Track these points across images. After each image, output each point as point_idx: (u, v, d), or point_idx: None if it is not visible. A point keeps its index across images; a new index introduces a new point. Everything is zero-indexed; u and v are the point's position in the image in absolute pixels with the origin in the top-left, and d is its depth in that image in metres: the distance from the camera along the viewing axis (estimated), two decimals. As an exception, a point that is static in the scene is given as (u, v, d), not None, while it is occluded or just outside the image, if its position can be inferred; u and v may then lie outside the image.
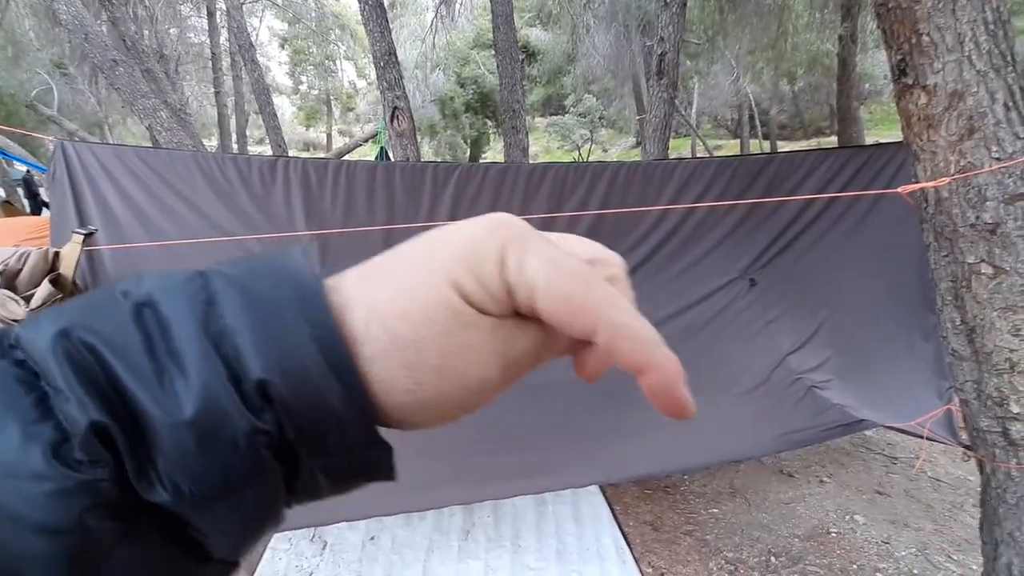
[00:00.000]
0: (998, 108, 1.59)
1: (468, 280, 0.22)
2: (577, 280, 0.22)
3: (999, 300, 1.66)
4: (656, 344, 0.22)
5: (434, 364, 0.21)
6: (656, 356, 0.22)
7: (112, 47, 4.60)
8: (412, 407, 0.22)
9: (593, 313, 0.22)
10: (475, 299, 0.22)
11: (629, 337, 0.22)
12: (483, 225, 0.23)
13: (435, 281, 0.22)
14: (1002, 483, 1.80)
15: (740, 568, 2.50)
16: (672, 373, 0.22)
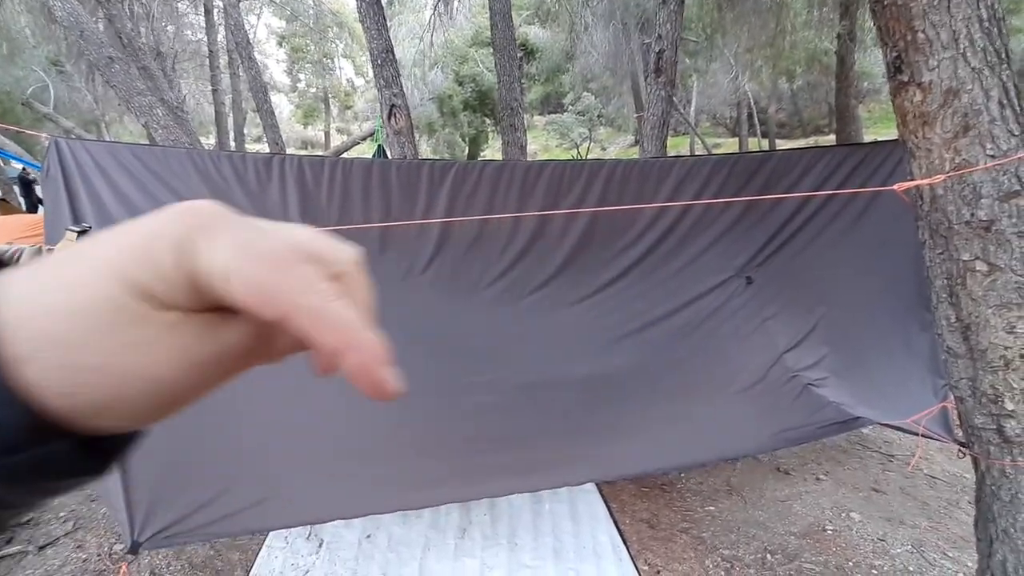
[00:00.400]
0: (993, 105, 1.59)
1: (139, 271, 0.20)
2: (266, 264, 0.21)
3: (994, 297, 1.66)
4: (353, 327, 0.22)
5: (93, 364, 0.20)
6: (352, 338, 0.21)
7: (108, 44, 4.58)
8: (83, 409, 0.20)
9: (284, 297, 0.21)
10: (148, 292, 0.20)
11: (322, 321, 0.21)
12: (169, 211, 0.22)
13: (96, 274, 0.20)
14: (996, 480, 1.80)
15: (736, 565, 2.50)
16: (369, 353, 0.22)
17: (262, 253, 0.21)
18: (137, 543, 1.94)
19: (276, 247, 0.22)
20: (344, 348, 0.21)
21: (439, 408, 2.32)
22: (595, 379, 2.44)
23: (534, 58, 16.10)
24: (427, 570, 2.47)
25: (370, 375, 0.22)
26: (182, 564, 2.55)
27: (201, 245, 0.21)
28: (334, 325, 0.21)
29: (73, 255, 0.21)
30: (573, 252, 2.44)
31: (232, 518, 2.05)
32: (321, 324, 0.21)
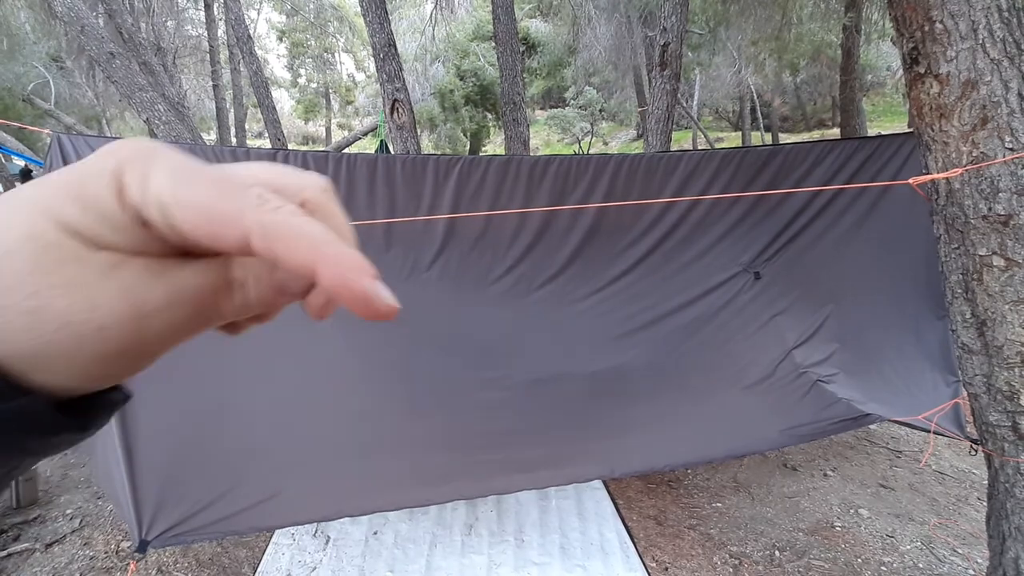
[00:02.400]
0: (1012, 97, 1.56)
1: (71, 208, 0.19)
2: (210, 185, 0.19)
3: (1011, 293, 1.63)
4: (323, 239, 0.19)
5: (25, 307, 0.18)
6: (325, 250, 0.19)
7: (109, 40, 4.55)
8: (19, 361, 0.19)
9: (237, 218, 0.18)
10: (83, 229, 0.19)
11: (287, 236, 0.19)
12: (105, 149, 0.20)
13: (25, 213, 0.19)
14: (1011, 478, 1.78)
15: (744, 562, 2.49)
16: (348, 265, 0.19)
17: (207, 177, 0.19)
18: (145, 542, 1.93)
19: (220, 172, 0.20)
20: (315, 263, 0.19)
21: (445, 405, 2.31)
22: (601, 375, 2.43)
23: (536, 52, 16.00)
24: (434, 566, 2.46)
25: (354, 289, 0.19)
26: (189, 561, 2.55)
27: (137, 175, 0.19)
28: (301, 239, 0.19)
29: (5, 197, 0.20)
30: (580, 247, 2.42)
31: (239, 516, 2.04)
32: (284, 241, 0.19)
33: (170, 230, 0.19)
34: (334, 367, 2.20)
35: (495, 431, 2.32)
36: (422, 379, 2.29)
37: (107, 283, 0.19)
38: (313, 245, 0.19)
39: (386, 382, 2.28)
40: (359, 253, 0.20)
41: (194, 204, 0.18)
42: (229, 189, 0.19)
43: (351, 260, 0.19)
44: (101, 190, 0.19)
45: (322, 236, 0.19)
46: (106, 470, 2.12)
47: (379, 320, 0.20)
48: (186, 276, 0.21)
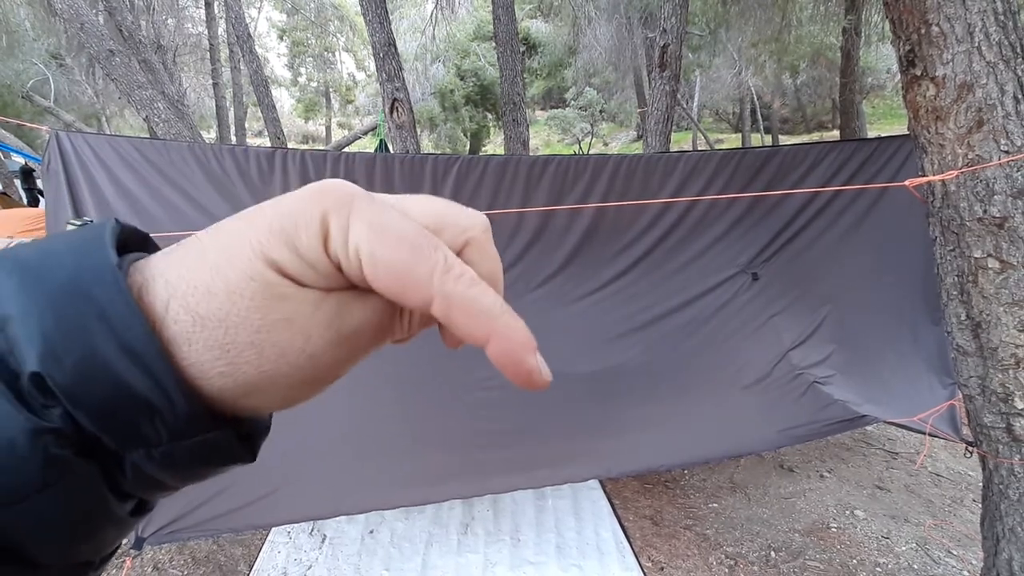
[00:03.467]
0: (1007, 100, 1.56)
1: (282, 251, 0.20)
2: (404, 248, 0.20)
3: (1006, 295, 1.64)
4: (496, 312, 0.21)
5: (247, 341, 0.20)
6: (497, 325, 0.21)
7: (108, 37, 4.55)
8: (236, 389, 0.20)
9: (423, 283, 0.20)
10: (292, 271, 0.20)
11: (464, 307, 0.20)
12: (304, 192, 0.21)
13: (243, 253, 0.20)
14: (1005, 479, 1.79)
15: (740, 562, 2.50)
16: (516, 341, 0.21)
17: (400, 237, 0.20)
18: (141, 539, 1.93)
19: (411, 230, 0.21)
20: (487, 336, 0.21)
21: (443, 404, 2.31)
22: (599, 375, 2.43)
23: (536, 52, 16.02)
24: (430, 565, 2.46)
25: (518, 364, 0.21)
26: (185, 559, 2.55)
27: (338, 226, 0.20)
28: (474, 312, 0.20)
29: (212, 237, 0.21)
30: (578, 247, 2.42)
31: (235, 513, 2.05)
32: (460, 311, 0.20)
33: (362, 281, 0.21)
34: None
35: (491, 431, 2.32)
36: (419, 378, 2.30)
37: (316, 317, 0.21)
38: (487, 319, 0.21)
39: (383, 381, 2.28)
40: (524, 326, 0.21)
41: (387, 265, 0.20)
42: (420, 253, 0.20)
43: (519, 336, 0.21)
44: (312, 239, 0.20)
45: (496, 310, 0.21)
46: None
47: (532, 389, 0.22)
48: (371, 307, 0.22)
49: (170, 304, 0.20)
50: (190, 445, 0.20)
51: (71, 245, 0.20)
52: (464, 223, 0.23)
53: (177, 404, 0.19)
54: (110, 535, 0.22)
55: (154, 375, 0.19)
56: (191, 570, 2.49)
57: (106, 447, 0.20)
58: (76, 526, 0.20)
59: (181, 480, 0.22)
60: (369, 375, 2.27)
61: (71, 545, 0.21)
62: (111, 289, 0.19)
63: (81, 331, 0.18)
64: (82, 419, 0.18)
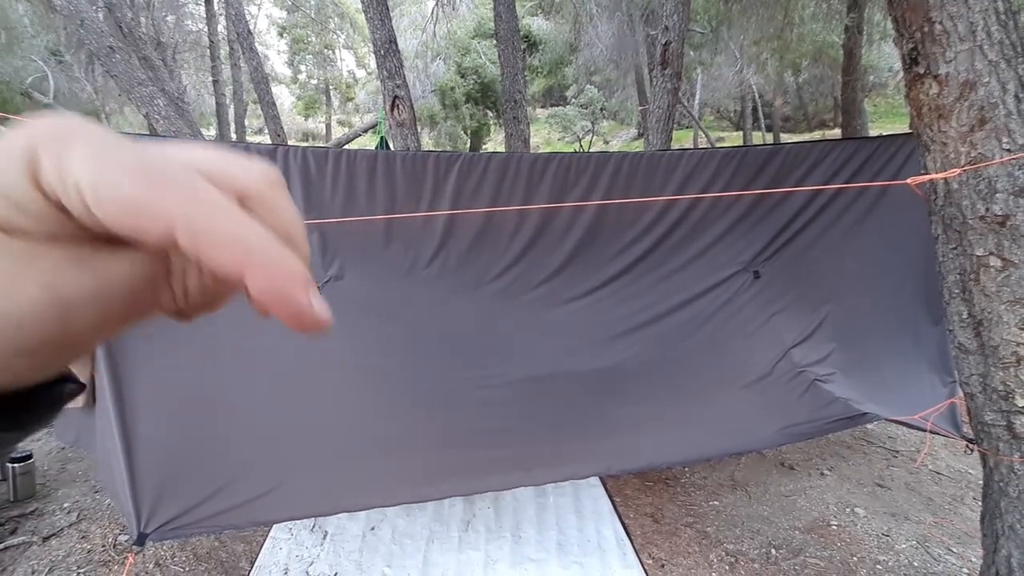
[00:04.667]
0: (1009, 99, 1.56)
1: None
2: (135, 173, 0.17)
3: (1007, 293, 1.64)
4: (255, 240, 0.17)
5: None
6: (256, 253, 0.17)
7: (108, 34, 4.54)
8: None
9: (159, 209, 0.17)
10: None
11: (215, 234, 0.17)
12: (22, 130, 0.18)
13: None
14: (1005, 477, 1.79)
15: (740, 560, 2.50)
16: (281, 271, 0.18)
17: (131, 162, 0.17)
18: (143, 535, 1.94)
19: (148, 158, 0.17)
20: (246, 268, 0.17)
21: (443, 402, 2.31)
22: (600, 373, 2.43)
23: (537, 50, 15.97)
24: (431, 562, 2.47)
25: (283, 299, 0.18)
26: (187, 555, 2.55)
27: (53, 157, 0.17)
28: (229, 240, 0.17)
29: None
30: (579, 246, 2.42)
31: (237, 510, 2.05)
32: (213, 241, 0.17)
33: (91, 219, 0.17)
34: (333, 363, 2.21)
35: (493, 428, 2.33)
36: (420, 376, 2.30)
37: (24, 274, 0.18)
38: (243, 247, 0.17)
39: (384, 379, 2.29)
40: (294, 256, 0.18)
41: (114, 193, 0.17)
42: (156, 176, 0.17)
43: (283, 266, 0.18)
44: (12, 174, 0.17)
45: (254, 237, 0.18)
46: (106, 463, 2.13)
47: (310, 333, 0.18)
48: (117, 265, 0.19)
49: None
50: None
51: None
52: (239, 174, 0.20)
53: None
54: None
55: None
56: (193, 566, 2.50)
57: None
58: None
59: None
60: (370, 373, 2.27)
61: None
62: None
63: None
64: None
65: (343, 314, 2.20)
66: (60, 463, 3.41)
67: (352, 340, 2.24)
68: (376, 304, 2.26)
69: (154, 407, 2.00)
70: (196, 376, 2.09)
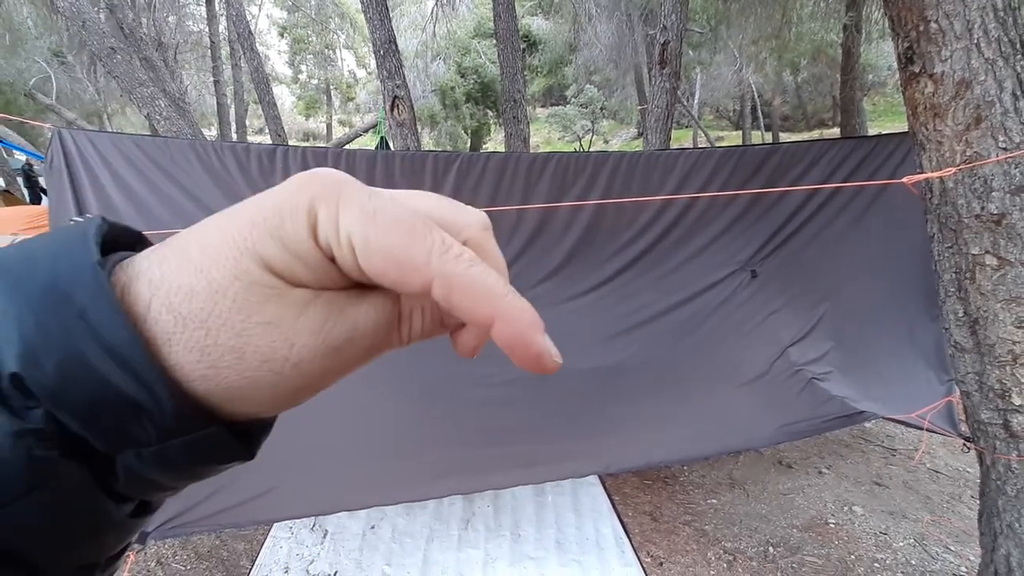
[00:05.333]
0: (1006, 97, 1.57)
1: (269, 245, 0.19)
2: (400, 230, 0.19)
3: (1003, 291, 1.65)
4: (500, 290, 0.20)
5: (228, 345, 0.19)
6: (501, 305, 0.20)
7: (110, 35, 4.55)
8: (220, 394, 0.20)
9: (421, 264, 0.19)
10: (280, 267, 0.19)
11: (466, 287, 0.19)
12: (290, 182, 0.20)
13: (226, 250, 0.19)
14: (1002, 475, 1.80)
15: (738, 558, 2.51)
16: (524, 321, 0.20)
17: (394, 220, 0.19)
18: (144, 533, 1.95)
19: (405, 213, 0.20)
20: (491, 316, 0.19)
21: (442, 401, 2.32)
22: (599, 372, 2.44)
23: (537, 50, 15.98)
24: (431, 560, 2.48)
25: (527, 346, 0.20)
26: (188, 554, 2.56)
27: (327, 213, 0.19)
28: (478, 292, 0.19)
29: (200, 233, 0.20)
30: (578, 245, 2.43)
31: (238, 508, 2.06)
32: (461, 292, 0.19)
33: (356, 270, 0.20)
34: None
35: (492, 427, 2.33)
36: (419, 375, 2.31)
37: (302, 320, 0.20)
38: (491, 299, 0.19)
39: (383, 378, 2.30)
40: (530, 306, 0.20)
41: (383, 250, 0.19)
42: (416, 234, 0.19)
43: (526, 316, 0.20)
44: (299, 228, 0.19)
45: (499, 289, 0.20)
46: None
47: (542, 373, 0.21)
48: (365, 312, 0.21)
49: (152, 303, 0.19)
50: (182, 444, 0.20)
51: (54, 245, 0.19)
52: (462, 220, 0.22)
53: (164, 403, 0.19)
54: (110, 537, 0.21)
55: (138, 374, 0.18)
56: (194, 565, 2.51)
57: (95, 449, 0.19)
58: (71, 529, 0.19)
59: (177, 479, 0.22)
60: (370, 372, 2.28)
61: (69, 548, 0.20)
62: (92, 289, 0.18)
63: (62, 331, 0.18)
64: (66, 420, 0.18)
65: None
66: (61, 462, 3.42)
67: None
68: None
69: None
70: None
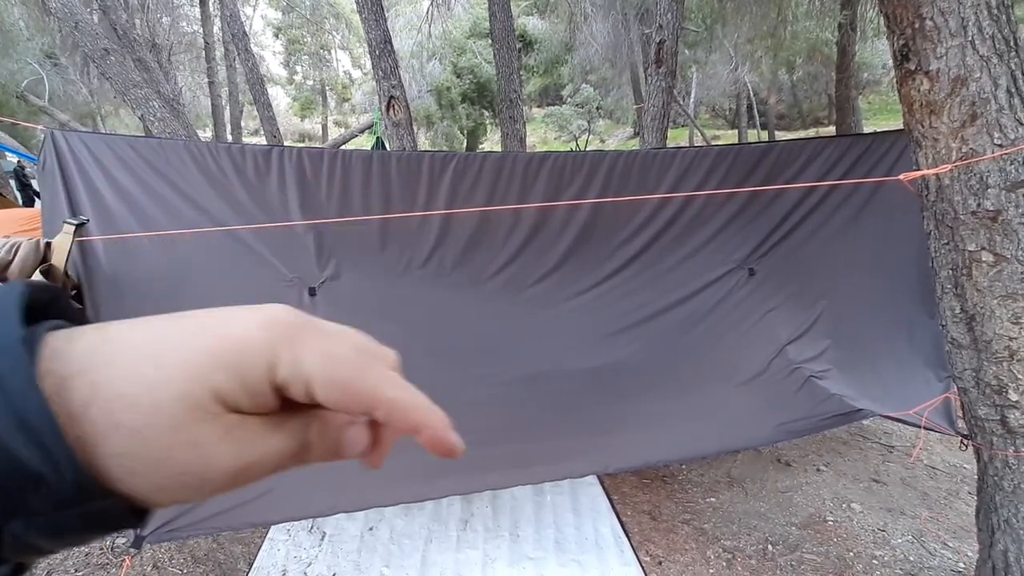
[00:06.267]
0: (1001, 94, 1.57)
1: (223, 378, 0.22)
2: (352, 367, 0.24)
3: (999, 288, 1.65)
4: (426, 408, 0.25)
5: (153, 457, 0.21)
6: (427, 418, 0.25)
7: (103, 36, 4.53)
8: (133, 490, 0.21)
9: (370, 393, 0.24)
10: (227, 397, 0.22)
11: (404, 408, 0.24)
12: (252, 322, 0.23)
13: (180, 372, 0.21)
14: (999, 471, 1.80)
15: (738, 556, 2.51)
16: (441, 427, 0.25)
17: (347, 360, 0.24)
18: (141, 537, 1.94)
19: (349, 353, 0.24)
20: (421, 428, 0.25)
21: (440, 401, 2.30)
22: (596, 371, 2.44)
23: (532, 49, 15.99)
24: (429, 562, 2.47)
25: (442, 444, 0.25)
26: (184, 557, 2.55)
27: (288, 357, 0.23)
28: (412, 411, 0.25)
29: (160, 345, 0.22)
30: (575, 244, 2.43)
31: (235, 511, 2.05)
32: (401, 412, 0.24)
33: (305, 397, 0.23)
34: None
35: (490, 427, 2.33)
36: (416, 375, 2.26)
37: (225, 443, 0.22)
38: (421, 415, 0.25)
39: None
40: (440, 411, 0.25)
41: (338, 382, 0.23)
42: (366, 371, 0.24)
43: (441, 422, 0.25)
44: (258, 370, 0.22)
45: (425, 404, 0.25)
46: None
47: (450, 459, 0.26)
48: (280, 439, 0.24)
49: (90, 407, 0.20)
50: (76, 514, 0.21)
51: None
52: (385, 353, 0.27)
53: (67, 477, 0.19)
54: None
55: (48, 449, 0.19)
56: (191, 568, 2.49)
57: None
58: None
59: (60, 546, 0.22)
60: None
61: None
62: (11, 362, 0.19)
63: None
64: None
65: (339, 314, 2.20)
66: (57, 466, 3.40)
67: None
68: (372, 304, 2.26)
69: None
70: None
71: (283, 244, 2.15)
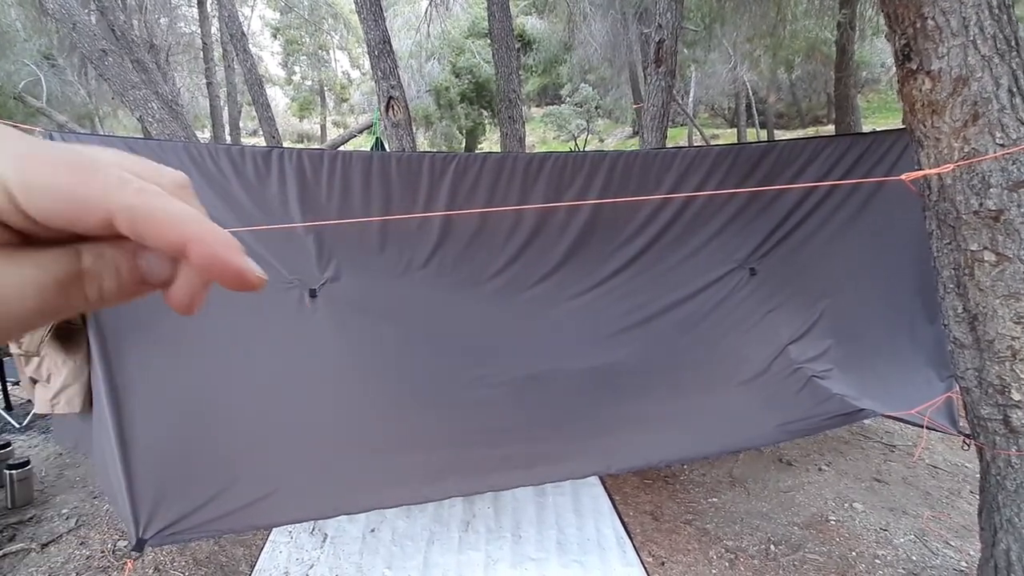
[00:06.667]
0: (1003, 94, 1.57)
1: None
2: (65, 167, 0.18)
3: (1002, 288, 1.65)
4: (193, 216, 0.19)
5: None
6: (194, 228, 0.19)
7: (101, 37, 4.51)
8: None
9: (97, 201, 0.18)
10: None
11: (153, 214, 0.18)
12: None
13: None
14: (1002, 470, 1.80)
15: (740, 556, 2.51)
16: (219, 242, 0.19)
17: (56, 158, 0.18)
18: (142, 540, 1.93)
19: (69, 152, 0.19)
20: (184, 240, 0.19)
21: (441, 402, 2.31)
22: (597, 372, 2.43)
23: (531, 49, 15.98)
24: (431, 563, 2.47)
25: (226, 263, 0.19)
26: (186, 560, 2.54)
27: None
28: (169, 218, 0.19)
29: None
30: (575, 244, 2.42)
31: (236, 514, 2.04)
32: (150, 220, 0.18)
33: (17, 216, 0.18)
34: (329, 365, 2.20)
35: (491, 428, 2.32)
36: (418, 376, 2.30)
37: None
38: (183, 224, 0.19)
39: (382, 380, 2.28)
40: (224, 231, 0.20)
41: (51, 189, 0.18)
42: (84, 170, 0.18)
43: (220, 236, 0.19)
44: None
45: (190, 214, 0.19)
46: (103, 469, 2.12)
47: (249, 291, 0.20)
48: (30, 271, 0.19)
49: None
50: None
51: None
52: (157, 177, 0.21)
53: None
54: None
55: None
56: (192, 571, 2.49)
57: None
58: None
59: None
60: (367, 375, 2.27)
61: None
62: None
63: None
64: None
65: (340, 315, 2.20)
66: (58, 469, 3.40)
67: (349, 341, 2.23)
68: (373, 305, 2.26)
69: (151, 412, 1.99)
70: (193, 380, 2.08)
71: (283, 246, 2.14)
